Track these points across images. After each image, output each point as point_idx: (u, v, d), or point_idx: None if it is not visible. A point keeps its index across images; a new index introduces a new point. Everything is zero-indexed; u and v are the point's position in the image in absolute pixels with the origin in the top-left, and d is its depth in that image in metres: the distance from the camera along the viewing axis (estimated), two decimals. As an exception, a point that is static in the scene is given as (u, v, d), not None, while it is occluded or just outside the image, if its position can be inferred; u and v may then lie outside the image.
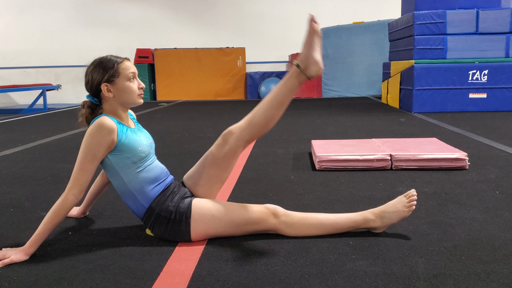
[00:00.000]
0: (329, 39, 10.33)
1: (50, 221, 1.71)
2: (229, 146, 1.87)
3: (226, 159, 1.89)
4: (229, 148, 1.87)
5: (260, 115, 1.86)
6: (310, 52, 1.84)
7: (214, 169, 1.90)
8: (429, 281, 1.45)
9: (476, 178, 2.76)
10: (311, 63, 1.84)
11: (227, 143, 1.87)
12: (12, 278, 1.54)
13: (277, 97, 1.86)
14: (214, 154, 1.89)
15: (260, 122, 1.86)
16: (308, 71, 1.84)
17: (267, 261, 1.63)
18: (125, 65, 1.82)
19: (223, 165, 1.90)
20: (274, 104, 1.86)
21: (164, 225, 1.81)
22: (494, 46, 6.36)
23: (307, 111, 7.04)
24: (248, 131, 1.87)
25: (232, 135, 1.87)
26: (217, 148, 1.89)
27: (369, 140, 3.61)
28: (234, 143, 1.87)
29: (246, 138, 1.88)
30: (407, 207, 1.82)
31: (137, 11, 11.54)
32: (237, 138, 1.87)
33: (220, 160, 1.89)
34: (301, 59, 1.85)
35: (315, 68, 1.84)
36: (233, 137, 1.87)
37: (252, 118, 1.87)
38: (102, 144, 1.73)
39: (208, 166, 1.91)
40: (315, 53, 1.84)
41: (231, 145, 1.87)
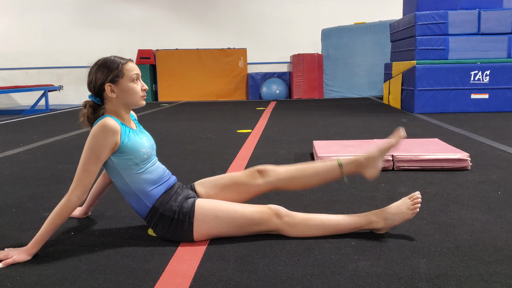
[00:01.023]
0: (331, 40, 10.33)
1: (53, 222, 1.71)
2: (258, 183, 1.96)
3: (249, 192, 1.98)
4: (258, 185, 1.96)
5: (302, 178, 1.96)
6: (379, 158, 1.94)
7: (233, 194, 1.97)
8: (432, 282, 1.45)
9: (478, 178, 2.76)
10: (372, 167, 1.94)
11: (258, 180, 1.97)
12: (15, 278, 1.54)
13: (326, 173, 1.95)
14: (241, 182, 1.97)
15: (297, 184, 1.98)
16: (366, 170, 1.93)
17: (269, 261, 1.63)
18: (129, 66, 1.82)
19: (243, 195, 1.98)
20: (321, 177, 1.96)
21: (167, 224, 1.81)
22: (496, 47, 6.36)
23: (308, 112, 7.03)
24: (283, 183, 1.97)
25: (268, 176, 1.96)
26: (247, 179, 1.97)
27: (370, 140, 3.61)
28: (264, 184, 1.97)
29: (275, 185, 1.98)
30: (411, 209, 1.82)
31: (138, 12, 11.55)
32: (270, 183, 1.97)
33: (242, 189, 1.97)
34: (368, 159, 1.93)
35: (373, 172, 1.94)
36: (267, 179, 1.96)
37: (294, 174, 1.96)
38: (106, 146, 1.73)
39: (229, 189, 1.98)
40: (381, 162, 1.95)
41: (261, 184, 1.96)
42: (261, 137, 4.57)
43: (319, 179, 1.97)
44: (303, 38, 11.17)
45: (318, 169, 1.96)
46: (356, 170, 1.96)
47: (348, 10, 11.09)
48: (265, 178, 1.96)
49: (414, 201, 1.83)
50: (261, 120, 5.99)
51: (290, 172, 1.97)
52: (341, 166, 1.93)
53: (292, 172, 1.97)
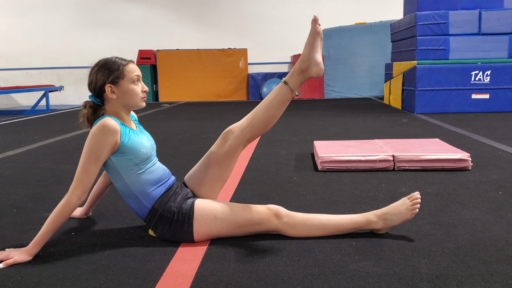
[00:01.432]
0: (331, 40, 10.33)
1: (54, 222, 1.71)
2: (229, 144, 1.89)
3: (227, 158, 1.91)
4: (230, 146, 1.89)
5: (260, 114, 1.89)
6: (311, 53, 1.87)
7: (215, 168, 1.92)
8: (432, 282, 1.45)
9: (479, 178, 2.76)
10: (313, 64, 1.87)
11: (228, 142, 1.89)
12: (16, 279, 1.54)
13: (277, 97, 1.88)
14: (215, 153, 1.91)
15: (260, 121, 1.89)
16: (309, 71, 1.87)
17: (269, 261, 1.63)
18: (130, 68, 1.82)
19: (223, 163, 1.91)
20: (274, 103, 1.88)
21: (167, 225, 1.81)
22: (497, 47, 6.35)
23: (309, 112, 7.03)
24: (248, 130, 1.89)
25: (232, 134, 1.89)
26: (218, 147, 1.91)
27: (371, 140, 3.61)
28: (234, 142, 1.89)
29: (246, 137, 1.90)
30: (410, 209, 1.82)
31: (139, 12, 11.56)
32: (238, 137, 1.89)
33: (221, 159, 1.90)
34: (303, 60, 1.87)
35: (316, 69, 1.87)
36: (233, 136, 1.89)
37: (253, 117, 1.89)
38: (106, 146, 1.73)
39: (209, 166, 1.92)
40: (317, 54, 1.87)
41: (232, 143, 1.89)
42: (261, 137, 4.57)
43: (276, 106, 1.88)
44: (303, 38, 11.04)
45: (269, 99, 1.90)
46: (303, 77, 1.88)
47: (348, 10, 11.09)
48: (232, 135, 1.90)
49: (413, 201, 1.83)
50: (261, 120, 5.98)
51: (249, 117, 1.91)
52: (286, 83, 1.88)
53: (250, 115, 1.91)
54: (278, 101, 1.88)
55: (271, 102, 1.88)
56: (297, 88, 1.89)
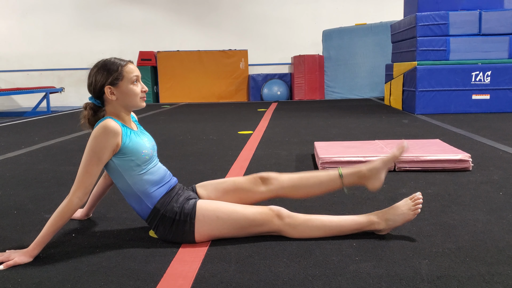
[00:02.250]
0: (332, 41, 10.33)
1: (54, 224, 1.71)
2: (261, 191, 1.97)
3: (250, 199, 1.98)
4: (261, 194, 1.97)
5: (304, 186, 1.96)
6: (381, 170, 1.94)
7: (234, 199, 1.97)
8: (433, 283, 1.45)
9: (479, 179, 2.76)
10: (376, 179, 1.94)
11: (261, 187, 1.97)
12: (16, 280, 1.54)
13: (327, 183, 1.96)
14: (243, 188, 1.97)
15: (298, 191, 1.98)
16: (368, 182, 1.94)
17: (270, 262, 1.63)
18: (129, 68, 1.82)
19: (244, 200, 1.97)
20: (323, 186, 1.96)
21: (168, 226, 1.81)
22: (497, 47, 6.35)
23: (309, 113, 7.03)
24: (283, 191, 1.97)
25: (270, 184, 1.97)
26: (249, 185, 1.97)
27: (372, 141, 3.61)
28: (266, 192, 1.97)
29: (277, 193, 1.98)
30: (412, 210, 1.82)
31: (139, 14, 11.57)
32: (272, 191, 1.97)
33: (244, 196, 1.97)
34: (371, 170, 1.93)
35: (375, 184, 1.95)
36: (269, 188, 1.96)
37: (296, 183, 1.96)
38: (107, 147, 1.73)
39: (231, 193, 1.98)
40: (384, 174, 1.95)
41: (263, 192, 1.97)
42: (262, 138, 4.57)
43: (320, 188, 1.98)
44: (304, 39, 11.17)
45: (320, 178, 1.96)
46: (359, 181, 1.96)
47: (349, 11, 11.09)
48: (268, 186, 1.97)
49: (415, 201, 1.83)
50: (262, 121, 5.99)
51: (292, 181, 1.97)
52: (341, 177, 1.94)
53: (294, 180, 1.97)
54: (326, 187, 1.97)
55: (320, 183, 1.96)
56: (347, 185, 1.96)
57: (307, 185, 1.96)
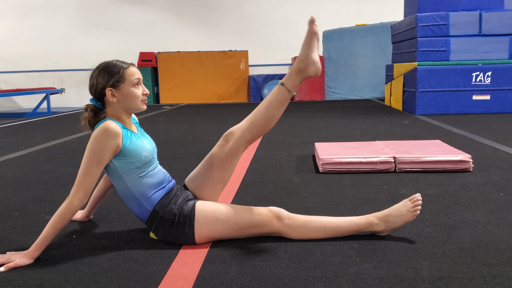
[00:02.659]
0: (332, 42, 10.33)
1: (55, 225, 1.71)
2: (230, 146, 1.90)
3: (228, 159, 1.91)
4: (231, 148, 1.90)
5: (260, 115, 1.90)
6: (308, 52, 1.90)
7: (216, 170, 1.92)
8: (434, 284, 1.45)
9: (480, 180, 2.76)
10: (310, 63, 1.89)
11: (229, 143, 1.90)
12: (17, 282, 1.54)
13: (276, 97, 1.90)
14: (216, 155, 1.92)
15: (260, 122, 1.90)
16: (307, 71, 1.89)
17: (271, 264, 1.63)
18: (131, 71, 1.82)
19: (225, 165, 1.92)
20: (273, 104, 1.90)
21: (168, 228, 1.81)
22: (498, 48, 6.36)
23: (310, 114, 7.03)
24: (249, 131, 1.90)
25: (233, 135, 1.91)
26: (219, 149, 1.92)
27: (372, 142, 3.60)
28: (235, 143, 1.90)
29: (247, 138, 1.91)
30: (411, 211, 1.82)
31: (140, 15, 11.57)
32: (239, 138, 1.90)
33: (222, 161, 1.91)
34: (300, 60, 1.90)
35: (313, 68, 1.89)
36: (234, 138, 1.90)
37: (253, 118, 1.91)
38: (107, 149, 1.73)
39: (210, 167, 1.93)
40: (314, 54, 1.90)
41: (233, 145, 1.90)
42: (262, 139, 4.57)
43: (275, 107, 1.89)
44: (304, 40, 11.16)
45: (268, 99, 1.90)
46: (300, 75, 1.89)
47: (349, 12, 11.09)
48: (233, 137, 1.91)
49: (414, 203, 1.83)
50: (262, 122, 5.98)
51: (249, 119, 1.92)
52: (283, 85, 1.89)
53: (250, 117, 1.92)
54: (276, 102, 1.90)
55: (270, 102, 1.90)
56: (295, 88, 1.90)
57: (260, 112, 1.89)
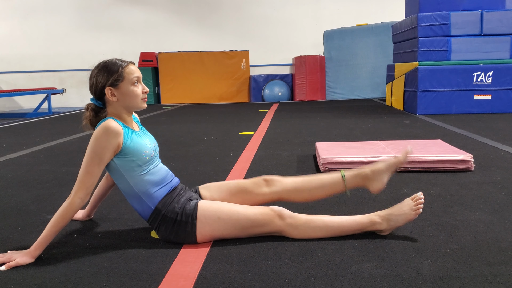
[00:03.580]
0: (333, 42, 10.33)
1: (56, 224, 1.71)
2: (264, 193, 1.97)
3: (254, 201, 1.97)
4: (264, 195, 1.97)
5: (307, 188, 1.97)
6: (385, 173, 1.95)
7: (238, 200, 1.97)
8: (435, 283, 1.45)
9: (481, 179, 2.75)
10: (378, 182, 1.95)
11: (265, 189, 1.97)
12: (18, 281, 1.54)
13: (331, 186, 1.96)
14: (247, 189, 1.97)
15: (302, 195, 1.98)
16: (371, 184, 1.95)
17: (272, 263, 1.63)
18: (130, 69, 1.82)
19: (247, 201, 1.97)
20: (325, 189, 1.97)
21: (170, 226, 1.81)
22: (499, 48, 6.35)
23: (311, 114, 7.03)
24: (287, 193, 1.97)
25: (274, 186, 1.97)
26: (253, 186, 1.98)
27: (373, 142, 3.60)
28: (269, 194, 1.97)
29: (280, 196, 1.98)
30: (413, 210, 1.82)
31: (141, 15, 11.58)
32: (275, 192, 1.97)
33: (248, 197, 1.97)
34: (374, 172, 1.94)
35: (377, 187, 1.95)
36: (273, 190, 1.97)
37: (300, 186, 1.97)
38: (108, 148, 1.73)
39: (235, 194, 1.98)
40: (387, 177, 1.96)
41: (267, 194, 1.97)
42: (263, 139, 4.57)
43: (323, 191, 1.98)
44: (305, 40, 11.18)
45: (323, 181, 1.97)
46: (362, 183, 1.97)
47: (350, 12, 11.09)
48: (271, 187, 1.97)
49: (417, 202, 1.83)
50: (263, 122, 5.99)
51: (296, 183, 1.98)
52: (344, 179, 1.95)
53: (298, 183, 1.98)
54: (327, 190, 1.97)
55: (323, 187, 1.96)
56: (351, 187, 1.96)
57: (309, 187, 1.97)
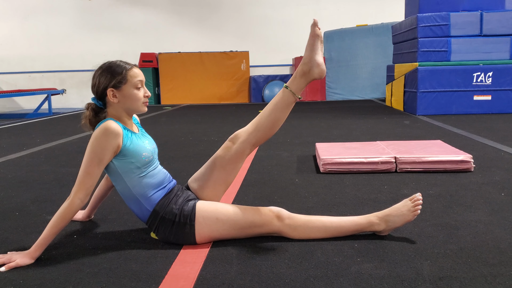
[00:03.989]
0: (333, 42, 10.33)
1: (56, 225, 1.71)
2: (235, 148, 1.90)
3: (232, 162, 1.92)
4: (236, 151, 1.90)
5: (265, 118, 1.90)
6: (312, 55, 1.90)
7: (220, 172, 1.93)
8: (435, 284, 1.45)
9: (481, 180, 2.75)
10: (314, 66, 1.89)
11: (234, 146, 1.91)
12: (18, 282, 1.55)
13: (281, 100, 1.90)
14: (220, 156, 1.92)
15: (265, 125, 1.90)
16: (311, 73, 1.89)
17: (272, 264, 1.63)
18: (134, 72, 1.82)
19: (228, 167, 1.92)
20: (278, 107, 1.90)
21: (168, 228, 1.81)
22: (499, 48, 6.35)
23: (311, 114, 7.03)
24: (254, 134, 1.90)
25: (238, 138, 1.91)
26: (224, 151, 1.92)
27: (373, 142, 3.60)
28: (240, 146, 1.90)
29: (252, 141, 1.91)
30: (412, 211, 1.82)
31: (141, 16, 11.59)
32: (244, 141, 1.90)
33: (226, 163, 1.91)
34: (304, 62, 1.90)
35: (318, 70, 1.89)
36: (239, 140, 1.90)
37: (258, 121, 1.91)
38: (108, 149, 1.74)
39: (214, 169, 1.93)
40: (318, 56, 1.90)
41: (238, 148, 1.90)
42: (263, 139, 4.57)
43: (280, 110, 1.89)
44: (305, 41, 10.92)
45: (273, 103, 1.91)
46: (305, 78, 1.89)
47: (350, 12, 11.10)
48: (238, 140, 1.91)
49: (415, 202, 1.83)
50: (263, 122, 5.97)
51: (254, 122, 1.93)
52: (287, 88, 1.89)
53: (255, 120, 1.93)
54: (281, 105, 1.90)
55: (275, 106, 1.90)
56: (299, 91, 1.91)
57: (266, 116, 1.90)
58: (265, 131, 1.91)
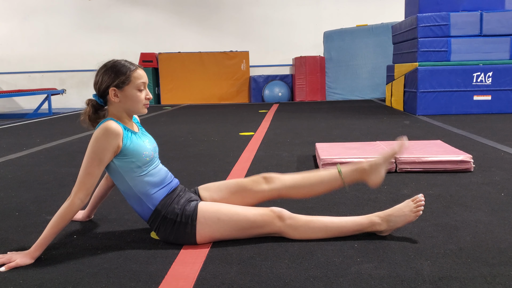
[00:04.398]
0: (333, 42, 10.33)
1: (56, 225, 1.71)
2: (263, 190, 1.97)
3: (254, 197, 1.98)
4: (263, 193, 1.97)
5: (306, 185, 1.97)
6: (382, 165, 1.96)
7: (238, 198, 1.98)
8: (435, 284, 1.45)
9: (481, 180, 2.75)
10: (376, 174, 1.95)
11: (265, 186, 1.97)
12: (18, 282, 1.55)
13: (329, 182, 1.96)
14: (246, 187, 1.98)
15: (302, 191, 1.99)
16: (369, 177, 1.95)
17: (272, 264, 1.63)
18: (138, 74, 1.83)
19: (248, 199, 1.98)
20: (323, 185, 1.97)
21: (170, 227, 1.81)
22: (498, 48, 6.35)
23: (311, 114, 7.03)
24: (287, 189, 1.98)
25: (273, 182, 1.97)
26: (252, 184, 1.98)
27: (373, 142, 3.60)
28: (269, 192, 1.97)
29: (281, 193, 1.99)
30: (414, 211, 1.82)
31: (141, 16, 11.58)
32: (275, 189, 1.97)
33: (248, 194, 1.98)
34: (371, 165, 1.95)
35: (376, 180, 1.96)
36: (272, 186, 1.97)
37: (299, 182, 1.97)
38: (108, 149, 1.74)
39: (236, 193, 1.98)
40: (384, 169, 1.96)
41: (266, 190, 1.97)
42: (263, 139, 4.57)
43: (322, 187, 1.98)
44: (305, 41, 11.17)
45: (322, 177, 1.97)
46: (360, 177, 1.97)
47: (350, 12, 11.09)
48: (270, 185, 1.97)
49: (417, 203, 1.83)
50: (263, 122, 5.99)
51: (294, 180, 1.98)
52: (340, 173, 1.95)
53: (297, 179, 1.98)
54: (326, 185, 1.98)
55: (321, 182, 1.97)
56: (349, 182, 1.96)
57: (308, 184, 1.97)
58: (298, 194, 2.00)
